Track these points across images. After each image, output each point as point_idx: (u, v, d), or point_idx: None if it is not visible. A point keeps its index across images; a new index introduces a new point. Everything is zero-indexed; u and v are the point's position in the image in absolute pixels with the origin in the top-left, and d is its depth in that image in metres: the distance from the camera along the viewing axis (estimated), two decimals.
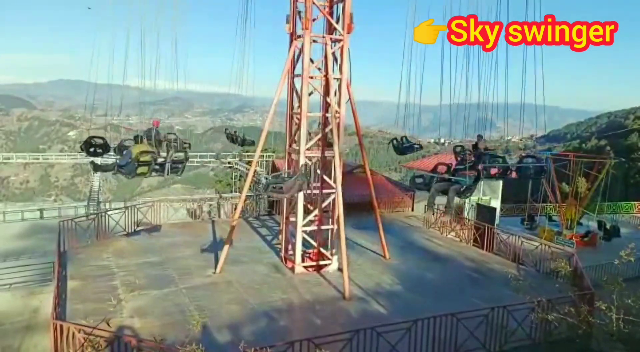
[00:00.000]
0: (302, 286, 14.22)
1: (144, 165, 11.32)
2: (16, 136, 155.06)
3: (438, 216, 21.12)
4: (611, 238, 26.41)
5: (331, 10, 15.34)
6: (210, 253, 16.77)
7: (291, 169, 13.08)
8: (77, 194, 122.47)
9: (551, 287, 12.43)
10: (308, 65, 14.77)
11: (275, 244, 18.19)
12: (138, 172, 11.44)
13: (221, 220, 21.97)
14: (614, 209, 32.84)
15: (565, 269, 10.27)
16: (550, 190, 26.72)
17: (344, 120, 15.72)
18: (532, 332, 11.05)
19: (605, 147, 71.17)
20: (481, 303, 12.00)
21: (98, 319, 10.45)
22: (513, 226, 26.32)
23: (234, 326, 11.43)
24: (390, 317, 11.87)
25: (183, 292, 13.39)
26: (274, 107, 15.20)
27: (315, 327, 11.59)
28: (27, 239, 21.96)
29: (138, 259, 16.09)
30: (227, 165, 47.44)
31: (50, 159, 58.24)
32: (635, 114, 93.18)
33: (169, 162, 11.78)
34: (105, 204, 36.46)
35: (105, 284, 13.70)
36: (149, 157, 11.34)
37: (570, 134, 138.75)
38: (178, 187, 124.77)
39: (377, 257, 17.23)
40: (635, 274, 17.96)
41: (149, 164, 11.37)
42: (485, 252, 18.34)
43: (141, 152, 11.30)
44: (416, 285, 14.72)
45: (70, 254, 16.03)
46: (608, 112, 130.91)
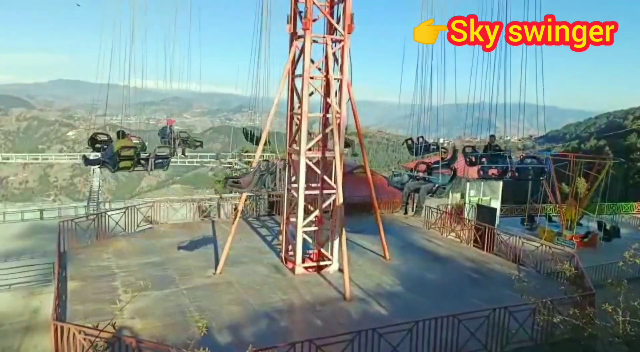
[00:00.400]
0: (303, 287, 14.20)
1: (126, 160, 11.74)
2: (15, 136, 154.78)
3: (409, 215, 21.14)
4: (611, 239, 26.37)
5: (332, 10, 15.33)
6: (210, 254, 16.74)
7: (255, 165, 12.99)
8: (76, 194, 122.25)
9: (553, 288, 12.41)
10: (309, 66, 14.75)
11: (275, 245, 18.17)
12: (121, 166, 11.89)
13: (221, 220, 21.95)
14: (614, 210, 32.84)
15: (569, 271, 10.22)
16: (550, 190, 26.70)
17: (344, 120, 15.71)
18: (534, 334, 11.04)
19: (605, 148, 71.24)
20: (482, 304, 11.99)
21: (98, 320, 10.44)
22: (513, 226, 26.27)
23: (235, 327, 11.42)
24: (391, 318, 11.86)
25: (184, 293, 13.38)
26: (274, 108, 15.19)
27: (316, 328, 11.57)
28: (27, 240, 21.90)
29: (138, 259, 16.06)
30: (226, 165, 47.42)
31: (49, 159, 58.22)
32: (634, 114, 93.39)
33: (152, 157, 12.11)
34: (105, 204, 36.44)
35: (105, 284, 13.68)
36: (131, 152, 11.70)
37: (569, 134, 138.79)
38: (177, 187, 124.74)
39: (378, 258, 17.22)
40: (636, 275, 17.93)
41: (131, 159, 11.78)
42: (486, 252, 18.35)
43: (122, 147, 11.66)
44: (417, 285, 14.71)
45: (71, 254, 16.01)
46: (607, 112, 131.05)
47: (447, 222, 21.42)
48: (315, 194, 15.94)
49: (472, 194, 26.04)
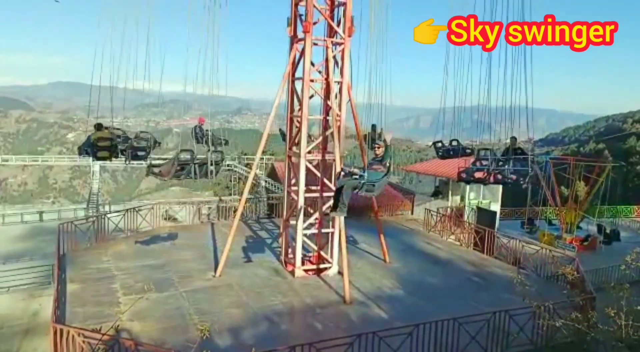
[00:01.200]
0: (303, 290, 14.17)
1: (103, 150, 13.01)
2: (14, 138, 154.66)
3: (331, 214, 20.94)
4: (611, 242, 26.42)
5: (332, 13, 15.33)
6: (210, 256, 16.72)
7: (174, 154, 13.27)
8: (75, 196, 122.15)
9: (553, 291, 12.40)
10: (309, 69, 14.75)
11: (275, 248, 18.15)
12: (99, 155, 13.28)
13: (221, 223, 21.92)
14: (613, 213, 32.88)
15: (570, 275, 10.21)
16: (549, 194, 26.73)
17: (344, 123, 15.71)
18: (534, 337, 11.02)
19: (604, 151, 71.35)
20: (482, 307, 11.95)
21: (98, 322, 10.44)
22: (513, 229, 26.33)
23: (235, 330, 11.38)
24: (391, 321, 11.82)
25: (183, 296, 13.33)
26: (274, 110, 15.19)
27: (316, 331, 11.53)
28: (27, 242, 21.92)
29: (138, 261, 16.02)
30: (225, 167, 47.38)
31: (49, 161, 58.20)
32: (634, 117, 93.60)
33: (130, 148, 13.08)
34: (104, 206, 36.41)
35: (105, 287, 13.63)
36: (107, 143, 12.94)
37: (569, 137, 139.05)
38: (176, 189, 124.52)
39: (378, 261, 17.19)
40: (637, 278, 17.94)
41: (108, 149, 13.03)
42: (486, 256, 18.32)
43: (98, 138, 12.89)
44: (417, 289, 14.68)
45: (70, 256, 15.95)
46: (606, 115, 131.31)
47: (447, 225, 21.41)
48: (315, 196, 15.93)
49: (471, 197, 26.08)
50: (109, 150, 13.14)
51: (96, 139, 12.97)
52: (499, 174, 13.06)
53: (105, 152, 13.17)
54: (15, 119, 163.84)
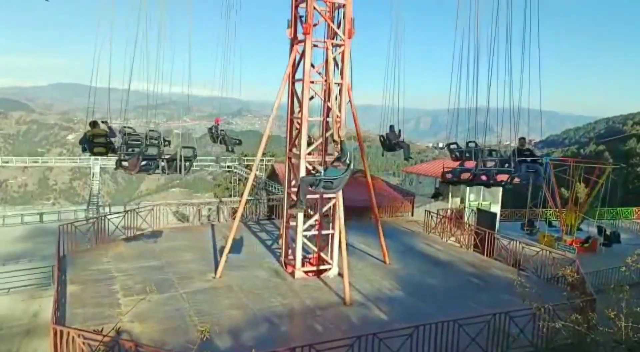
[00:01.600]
0: (303, 291, 14.17)
1: (99, 146, 13.38)
2: (15, 139, 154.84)
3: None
4: (611, 244, 26.41)
5: (332, 15, 15.35)
6: (210, 257, 16.72)
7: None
8: (75, 197, 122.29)
9: (553, 293, 12.40)
10: (309, 70, 14.77)
11: (275, 249, 18.14)
12: (95, 151, 13.66)
13: (221, 224, 21.92)
14: (614, 215, 32.87)
15: (571, 276, 10.20)
16: (550, 195, 26.73)
17: (344, 124, 15.71)
18: (534, 339, 11.01)
19: (604, 153, 71.37)
20: (482, 309, 11.95)
21: (98, 323, 10.44)
22: (513, 231, 26.31)
23: (235, 331, 11.38)
24: (391, 322, 11.82)
25: (183, 297, 13.33)
26: (274, 112, 15.20)
27: (316, 333, 11.54)
28: (27, 243, 21.92)
29: (138, 263, 16.02)
30: (226, 169, 47.43)
31: (49, 163, 58.29)
32: (634, 119, 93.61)
33: (120, 146, 13.17)
34: (104, 207, 36.43)
35: (105, 288, 13.63)
36: (102, 140, 13.28)
37: (569, 139, 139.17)
38: (176, 191, 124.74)
39: (378, 262, 17.18)
40: (637, 280, 17.94)
41: (104, 145, 13.38)
42: (486, 257, 18.32)
43: (93, 135, 13.25)
44: (417, 290, 14.68)
45: (70, 258, 15.95)
46: (606, 117, 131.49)
47: (447, 227, 21.40)
48: (315, 198, 15.93)
49: (471, 198, 26.07)
50: (105, 146, 13.46)
51: (91, 135, 13.30)
52: (484, 175, 12.89)
53: (101, 148, 13.50)
54: (15, 120, 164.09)
